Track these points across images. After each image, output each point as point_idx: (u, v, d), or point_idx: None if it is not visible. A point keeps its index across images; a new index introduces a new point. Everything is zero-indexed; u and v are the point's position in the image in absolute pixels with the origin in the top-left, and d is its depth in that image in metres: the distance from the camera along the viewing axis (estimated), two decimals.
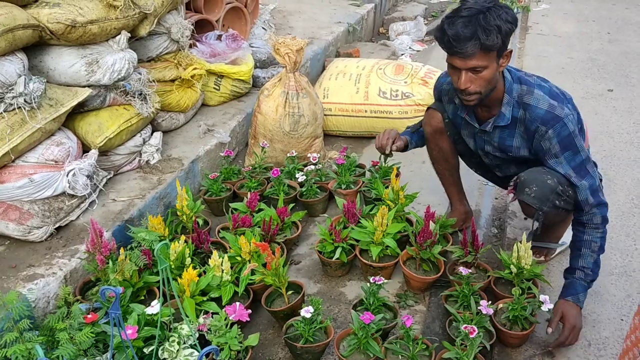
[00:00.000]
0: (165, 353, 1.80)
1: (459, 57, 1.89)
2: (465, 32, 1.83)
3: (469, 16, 1.85)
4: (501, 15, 1.86)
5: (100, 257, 2.03)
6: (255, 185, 2.89)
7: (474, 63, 1.88)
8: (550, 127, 1.98)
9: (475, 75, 1.92)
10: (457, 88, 2.00)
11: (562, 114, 1.97)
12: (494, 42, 1.84)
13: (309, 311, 1.91)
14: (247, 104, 3.54)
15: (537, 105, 2.00)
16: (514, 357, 2.01)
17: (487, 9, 1.86)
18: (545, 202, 2.01)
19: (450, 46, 1.88)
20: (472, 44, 1.84)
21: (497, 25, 1.84)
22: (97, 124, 2.48)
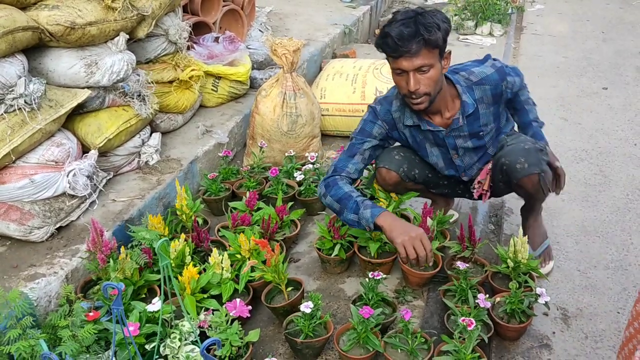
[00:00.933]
0: (166, 349, 1.82)
1: (405, 57, 1.93)
2: (408, 30, 1.90)
3: (407, 18, 1.93)
4: (437, 16, 1.96)
5: (101, 255, 2.05)
6: (254, 184, 2.91)
7: (420, 62, 1.93)
8: (507, 75, 2.19)
9: (422, 76, 1.97)
10: (405, 94, 2.04)
11: (498, 63, 2.21)
12: (436, 37, 1.92)
13: (309, 306, 1.93)
14: (244, 104, 3.56)
15: (487, 73, 2.16)
16: (511, 350, 2.03)
17: (422, 12, 1.96)
18: (540, 163, 2.11)
19: (395, 48, 1.93)
20: (417, 42, 1.90)
21: (436, 23, 1.92)
22: (96, 125, 2.50)
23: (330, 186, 2.18)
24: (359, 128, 2.28)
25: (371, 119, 2.26)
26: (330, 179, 2.21)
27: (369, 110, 2.29)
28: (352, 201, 2.10)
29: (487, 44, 5.46)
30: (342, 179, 2.19)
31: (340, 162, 2.24)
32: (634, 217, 2.79)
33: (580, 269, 2.44)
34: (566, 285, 2.35)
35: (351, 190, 2.15)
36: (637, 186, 3.05)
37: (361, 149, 2.24)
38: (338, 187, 2.16)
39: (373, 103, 2.30)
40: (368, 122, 2.27)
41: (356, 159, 2.23)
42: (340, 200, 2.13)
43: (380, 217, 2.02)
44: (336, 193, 2.15)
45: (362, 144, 2.25)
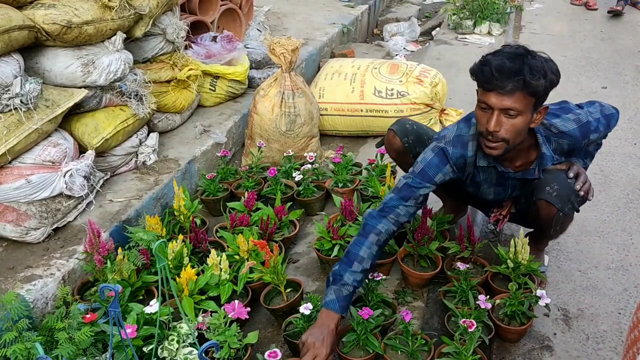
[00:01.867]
0: (164, 352, 1.80)
1: (496, 92, 1.75)
2: (510, 65, 1.71)
3: (515, 54, 1.75)
4: (548, 63, 1.77)
5: (98, 257, 2.03)
6: (253, 184, 2.89)
7: (510, 103, 1.74)
8: (590, 132, 2.00)
9: (506, 120, 1.78)
10: (482, 132, 1.85)
11: (584, 117, 1.99)
12: (538, 85, 1.72)
13: (308, 308, 1.91)
14: (243, 104, 3.54)
15: (568, 128, 1.97)
16: (512, 352, 2.01)
17: (534, 53, 1.77)
18: (567, 203, 1.95)
19: (489, 78, 1.75)
20: (515, 81, 1.71)
21: (543, 70, 1.73)
22: (93, 124, 2.48)
23: (364, 231, 1.98)
24: (420, 169, 2.02)
25: (437, 163, 2.00)
26: (371, 221, 1.99)
27: (435, 152, 2.02)
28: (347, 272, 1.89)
29: (485, 44, 5.45)
30: (382, 229, 1.96)
31: (391, 200, 2.01)
32: (634, 216, 2.78)
33: (581, 269, 2.43)
34: (567, 285, 2.33)
35: (363, 258, 1.91)
36: (637, 185, 3.04)
37: (417, 194, 2.00)
38: (363, 242, 1.94)
39: (442, 142, 2.02)
40: (433, 166, 2.01)
41: (409, 202, 2.00)
42: (348, 253, 1.95)
43: (325, 313, 1.84)
44: (356, 244, 1.95)
45: (419, 189, 2.00)
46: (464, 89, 4.32)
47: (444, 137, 2.03)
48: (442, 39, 5.57)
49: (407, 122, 2.37)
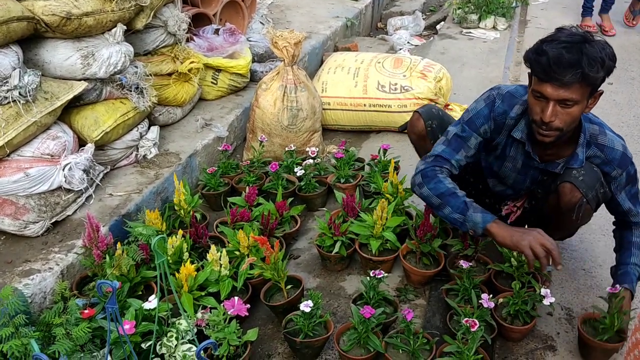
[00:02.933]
0: (163, 348, 1.78)
1: (553, 83, 1.69)
2: (569, 56, 1.65)
3: (572, 42, 1.68)
4: (605, 50, 1.70)
5: (97, 251, 2.01)
6: (254, 179, 2.87)
7: (567, 95, 1.69)
8: (624, 169, 1.93)
9: (562, 110, 1.74)
10: (536, 120, 1.80)
11: (630, 154, 1.95)
12: (596, 76, 1.67)
13: (309, 305, 1.89)
14: (245, 98, 3.51)
15: (614, 147, 1.92)
16: (515, 351, 1.99)
17: (591, 40, 1.70)
18: (592, 189, 1.91)
19: (547, 70, 1.68)
20: (573, 72, 1.65)
21: (601, 58, 1.67)
22: (93, 117, 2.46)
23: (430, 177, 1.96)
24: (469, 118, 2.02)
25: (486, 114, 2.00)
26: (429, 169, 1.98)
27: (487, 102, 2.01)
28: (459, 200, 1.90)
29: (490, 38, 5.39)
30: (442, 172, 1.98)
31: (443, 152, 2.00)
32: None
33: (585, 268, 2.40)
34: (571, 284, 2.31)
35: (455, 187, 1.94)
36: None
37: (468, 143, 2.01)
38: (439, 181, 1.94)
39: (495, 92, 2.01)
40: (481, 116, 2.00)
41: (460, 154, 2.00)
42: (443, 195, 1.93)
43: (494, 224, 1.84)
44: (437, 187, 1.94)
45: (469, 139, 2.01)
46: (469, 84, 4.28)
47: (498, 89, 2.01)
48: (447, 33, 5.52)
49: (433, 106, 2.36)
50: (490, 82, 4.34)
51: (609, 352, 1.91)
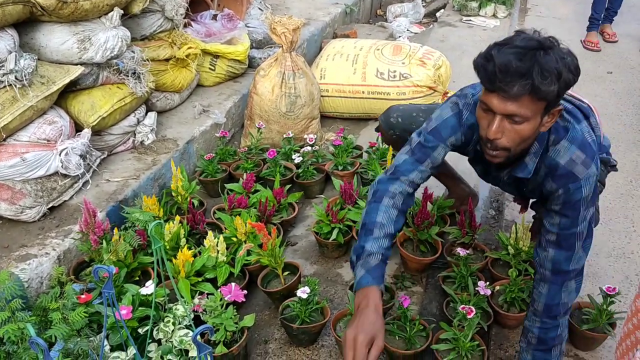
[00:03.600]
0: (160, 333, 1.78)
1: (499, 94, 1.44)
2: (517, 65, 1.39)
3: (525, 48, 1.42)
4: (565, 60, 1.43)
5: (94, 237, 2.01)
6: (251, 166, 2.86)
7: (514, 108, 1.44)
8: (561, 185, 1.59)
9: (510, 126, 1.49)
10: (482, 137, 1.57)
11: (582, 173, 1.57)
12: (548, 90, 1.40)
13: (306, 292, 1.89)
14: (243, 84, 3.49)
15: (555, 158, 1.60)
16: (511, 338, 2.00)
17: (549, 46, 1.44)
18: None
19: (492, 78, 1.43)
20: (522, 83, 1.40)
21: (557, 70, 1.40)
22: (90, 102, 2.44)
23: (374, 199, 1.73)
24: (433, 127, 1.77)
25: (453, 125, 1.75)
26: (382, 186, 1.74)
27: (453, 110, 1.76)
28: (367, 243, 1.63)
29: (490, 26, 5.37)
30: (392, 197, 1.71)
31: (404, 163, 1.76)
32: (638, 204, 2.75)
33: None
34: None
35: (383, 227, 1.66)
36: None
37: (434, 153, 1.75)
38: (376, 209, 1.69)
39: (462, 102, 1.75)
40: (448, 126, 1.75)
41: (424, 165, 1.75)
42: (364, 225, 1.69)
43: (360, 293, 1.55)
44: (370, 212, 1.70)
45: (436, 148, 1.75)
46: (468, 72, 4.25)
47: (465, 97, 1.76)
48: (447, 21, 5.49)
49: (392, 113, 2.23)
50: None
51: (596, 340, 1.93)
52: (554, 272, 1.65)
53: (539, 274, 1.69)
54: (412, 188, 1.76)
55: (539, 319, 1.68)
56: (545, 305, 1.66)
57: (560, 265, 1.64)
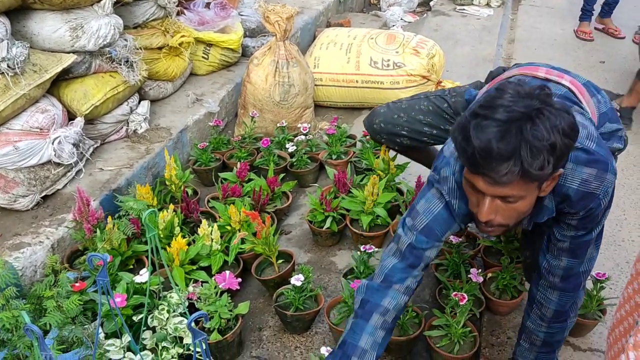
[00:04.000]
0: (154, 321, 1.79)
1: (485, 179, 1.20)
2: (500, 148, 1.13)
3: (508, 122, 1.14)
4: (558, 126, 1.15)
5: (88, 225, 2.01)
6: (245, 155, 2.86)
7: (505, 191, 1.22)
8: (581, 208, 1.38)
9: (504, 205, 1.26)
10: (474, 213, 1.34)
11: (599, 188, 1.35)
12: (541, 171, 1.15)
13: (299, 279, 1.90)
14: (236, 73, 3.48)
15: (565, 184, 1.35)
16: (503, 325, 2.02)
17: (537, 113, 1.15)
18: None
19: (474, 163, 1.19)
20: (509, 169, 1.14)
21: (550, 143, 1.13)
22: (82, 91, 2.43)
23: (363, 311, 1.51)
24: (426, 224, 1.48)
25: (445, 218, 1.48)
26: (373, 297, 1.51)
27: (441, 202, 1.48)
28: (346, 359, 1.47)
29: (484, 15, 5.37)
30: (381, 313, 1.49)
31: (396, 270, 1.51)
32: (628, 192, 2.78)
33: None
34: None
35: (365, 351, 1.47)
36: (632, 162, 3.03)
37: (427, 253, 1.51)
38: (363, 327, 1.48)
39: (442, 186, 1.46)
40: (441, 221, 1.48)
41: (418, 270, 1.52)
42: (344, 344, 1.50)
43: None
44: (355, 330, 1.50)
45: (426, 250, 1.50)
46: (461, 61, 4.27)
47: (445, 182, 1.45)
48: (440, 10, 5.49)
49: (374, 119, 2.16)
50: (482, 59, 4.34)
51: (586, 327, 1.95)
52: (567, 279, 1.52)
53: (547, 282, 1.54)
54: (408, 295, 1.53)
55: (547, 324, 1.59)
56: (555, 311, 1.56)
57: (573, 271, 1.50)
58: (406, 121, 2.07)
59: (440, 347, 1.79)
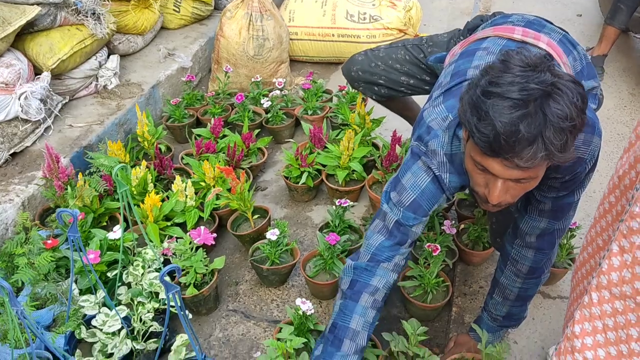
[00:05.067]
0: (129, 277, 1.78)
1: (503, 162, 1.12)
2: (527, 131, 1.05)
3: (527, 101, 1.06)
4: (573, 100, 1.07)
5: (58, 182, 1.97)
6: (219, 111, 2.82)
7: (522, 174, 1.15)
8: (568, 173, 1.34)
9: (514, 185, 1.19)
10: (479, 194, 1.26)
11: (586, 152, 1.31)
12: (564, 152, 1.09)
13: (275, 234, 1.91)
14: (209, 27, 3.39)
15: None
16: (475, 275, 2.06)
17: (552, 86, 1.07)
18: None
19: (495, 146, 1.09)
20: (536, 155, 1.07)
21: (571, 123, 1.07)
22: (48, 45, 2.35)
23: (353, 291, 1.45)
24: (412, 199, 1.41)
25: (434, 192, 1.41)
26: (361, 277, 1.46)
27: (429, 175, 1.40)
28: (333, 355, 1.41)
29: None
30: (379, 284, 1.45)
31: (383, 248, 1.46)
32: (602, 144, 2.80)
33: None
34: None
35: (358, 331, 1.42)
36: (605, 114, 3.06)
37: (414, 229, 1.45)
38: (354, 308, 1.44)
39: (430, 159, 1.39)
40: (429, 196, 1.42)
41: (406, 246, 1.47)
42: (334, 328, 1.44)
43: None
44: (344, 311, 1.44)
45: (413, 226, 1.44)
46: (439, 15, 4.22)
47: (434, 155, 1.38)
48: None
49: (352, 67, 2.13)
50: (460, 12, 4.29)
51: (557, 275, 2.00)
52: (543, 237, 1.50)
53: (523, 241, 1.53)
54: (397, 272, 1.49)
55: (522, 280, 1.58)
56: (530, 267, 1.55)
57: (549, 231, 1.49)
58: (383, 70, 2.05)
59: (413, 297, 1.82)
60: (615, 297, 1.02)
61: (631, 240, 0.96)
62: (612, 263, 1.00)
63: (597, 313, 1.05)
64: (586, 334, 1.08)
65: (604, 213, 1.25)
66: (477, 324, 1.69)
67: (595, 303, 1.05)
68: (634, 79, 3.40)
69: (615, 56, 3.65)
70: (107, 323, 1.64)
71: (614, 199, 1.20)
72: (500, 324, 1.68)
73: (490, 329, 1.69)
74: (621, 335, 1.03)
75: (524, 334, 1.84)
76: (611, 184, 1.20)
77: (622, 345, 1.03)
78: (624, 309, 1.01)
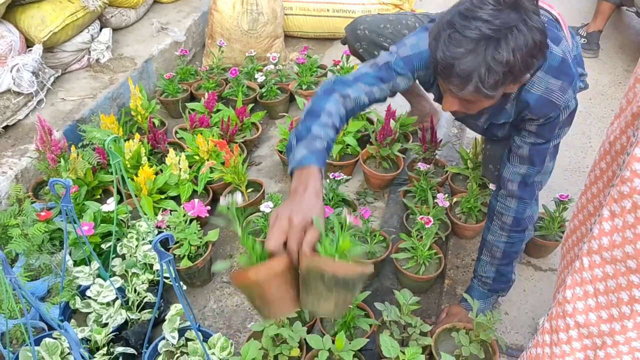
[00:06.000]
0: (124, 249, 1.79)
1: (444, 82, 1.30)
2: (461, 65, 1.20)
3: (477, 41, 1.18)
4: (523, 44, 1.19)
5: (51, 155, 1.97)
6: (213, 86, 2.80)
7: (468, 97, 1.29)
8: (541, 116, 1.46)
9: (459, 102, 1.35)
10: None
11: (561, 100, 1.42)
12: (494, 91, 1.23)
13: (269, 206, 1.91)
14: (203, 1, 3.36)
15: (530, 90, 1.43)
16: (467, 248, 2.08)
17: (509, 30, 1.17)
18: None
19: (437, 70, 1.28)
20: (465, 86, 1.23)
21: (509, 66, 1.20)
22: (40, 17, 2.32)
23: (326, 91, 1.44)
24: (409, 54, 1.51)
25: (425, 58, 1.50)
26: (338, 86, 1.46)
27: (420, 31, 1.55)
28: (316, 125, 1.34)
29: None
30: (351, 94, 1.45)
31: (367, 76, 1.50)
32: (595, 120, 2.81)
33: None
34: None
35: (331, 112, 1.38)
36: (600, 91, 3.06)
37: (397, 79, 1.52)
38: (327, 98, 1.41)
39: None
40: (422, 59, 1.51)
41: (386, 85, 1.51)
42: (312, 110, 1.38)
43: (299, 173, 1.24)
44: (319, 100, 1.41)
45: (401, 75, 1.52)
46: None
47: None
48: None
49: (359, 25, 2.10)
50: None
51: (548, 248, 2.02)
52: (524, 186, 1.60)
53: (506, 190, 1.62)
54: (368, 100, 1.51)
55: (507, 233, 1.65)
56: (514, 219, 1.63)
57: (530, 179, 1.59)
58: (391, 32, 2.03)
59: (406, 269, 1.84)
60: (606, 262, 1.02)
61: (622, 205, 0.96)
62: (603, 227, 1.01)
63: (588, 278, 1.06)
64: (577, 299, 1.09)
65: (595, 180, 1.26)
66: (468, 293, 1.72)
67: (587, 268, 1.06)
68: (629, 56, 3.39)
69: (611, 33, 3.63)
70: (102, 294, 1.66)
71: (605, 165, 1.20)
72: (490, 287, 1.72)
73: (481, 295, 1.73)
74: (612, 299, 1.04)
75: (515, 306, 1.86)
76: (602, 150, 1.20)
77: (613, 309, 1.04)
78: (615, 273, 1.02)
